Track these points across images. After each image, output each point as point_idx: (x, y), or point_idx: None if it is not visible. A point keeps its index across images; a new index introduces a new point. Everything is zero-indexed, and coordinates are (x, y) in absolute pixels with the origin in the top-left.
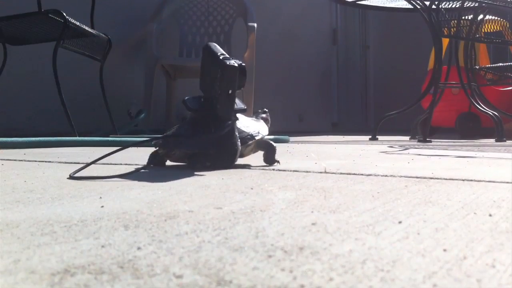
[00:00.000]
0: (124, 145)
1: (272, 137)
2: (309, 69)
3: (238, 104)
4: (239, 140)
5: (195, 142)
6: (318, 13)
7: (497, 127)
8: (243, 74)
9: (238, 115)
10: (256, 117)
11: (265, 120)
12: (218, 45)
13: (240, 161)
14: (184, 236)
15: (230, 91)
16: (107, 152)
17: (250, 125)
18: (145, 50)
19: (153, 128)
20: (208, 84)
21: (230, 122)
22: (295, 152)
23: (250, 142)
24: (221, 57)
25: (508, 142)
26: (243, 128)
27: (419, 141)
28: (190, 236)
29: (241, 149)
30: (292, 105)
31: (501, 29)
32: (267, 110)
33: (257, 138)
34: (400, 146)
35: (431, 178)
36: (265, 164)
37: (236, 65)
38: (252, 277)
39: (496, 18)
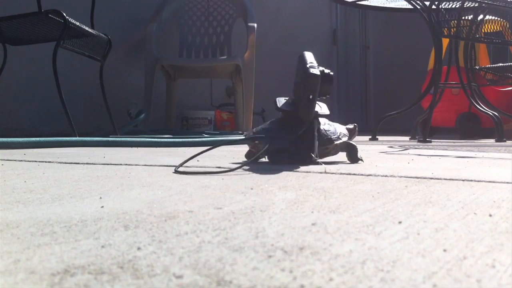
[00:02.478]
0: (216, 144)
1: None
2: None
3: (323, 109)
4: (317, 140)
5: (280, 140)
6: (318, 14)
7: (497, 127)
8: (329, 82)
9: (324, 120)
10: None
11: (350, 130)
12: (218, 45)
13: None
14: (184, 236)
15: (310, 96)
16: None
17: (334, 130)
18: (145, 50)
19: (153, 129)
20: (296, 89)
21: (309, 124)
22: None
23: (333, 144)
24: (307, 65)
25: (508, 142)
26: (327, 132)
27: (419, 141)
28: (190, 237)
29: (327, 149)
30: None
31: (501, 29)
32: (356, 125)
33: (337, 142)
34: (400, 146)
35: (431, 178)
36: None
37: (318, 73)
38: (252, 277)
39: (496, 18)
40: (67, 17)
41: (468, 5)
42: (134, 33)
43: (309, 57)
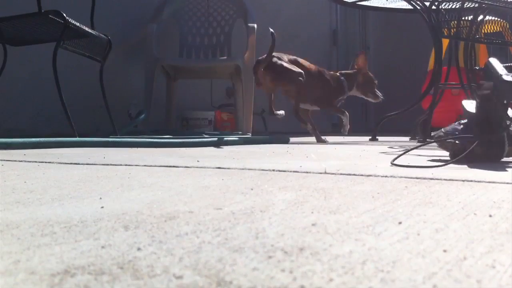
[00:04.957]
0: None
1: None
2: None
3: None
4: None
5: (462, 138)
6: (318, 14)
7: None
8: None
9: None
10: None
11: None
12: (218, 45)
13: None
14: (184, 236)
15: (504, 101)
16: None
17: None
18: (145, 51)
19: (153, 129)
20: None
21: (501, 128)
22: (295, 153)
23: None
24: (500, 72)
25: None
26: None
27: (419, 141)
28: (190, 237)
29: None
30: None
31: (501, 29)
32: None
33: None
34: (400, 146)
35: (431, 178)
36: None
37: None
38: (252, 278)
39: (496, 18)
40: (67, 18)
41: (468, 5)
42: (134, 33)
43: (498, 64)
